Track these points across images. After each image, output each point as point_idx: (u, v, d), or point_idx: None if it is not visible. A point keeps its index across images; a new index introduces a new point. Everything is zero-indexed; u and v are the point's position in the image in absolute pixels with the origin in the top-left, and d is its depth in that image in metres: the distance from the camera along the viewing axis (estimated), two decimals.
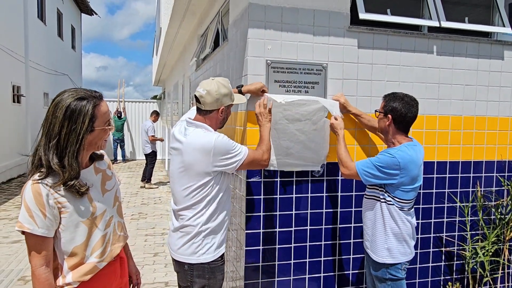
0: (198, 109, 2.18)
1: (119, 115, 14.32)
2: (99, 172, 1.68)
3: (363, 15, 2.76)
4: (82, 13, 19.18)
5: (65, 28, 16.07)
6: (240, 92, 2.54)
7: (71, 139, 1.49)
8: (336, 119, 2.50)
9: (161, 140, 9.75)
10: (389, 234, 2.30)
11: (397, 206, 2.28)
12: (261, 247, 2.69)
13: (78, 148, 1.50)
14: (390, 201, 2.28)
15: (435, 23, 2.95)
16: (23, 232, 1.48)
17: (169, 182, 10.06)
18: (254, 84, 2.53)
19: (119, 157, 14.83)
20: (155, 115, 9.50)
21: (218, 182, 2.12)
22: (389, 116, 2.29)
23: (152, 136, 9.05)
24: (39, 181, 1.47)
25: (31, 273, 1.51)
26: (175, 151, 2.18)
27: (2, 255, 4.81)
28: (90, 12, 19.15)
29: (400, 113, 2.27)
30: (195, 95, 2.17)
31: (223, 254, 2.21)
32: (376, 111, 2.42)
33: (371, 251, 2.38)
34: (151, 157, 9.30)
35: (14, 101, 10.53)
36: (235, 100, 2.24)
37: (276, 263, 2.73)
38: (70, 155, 1.49)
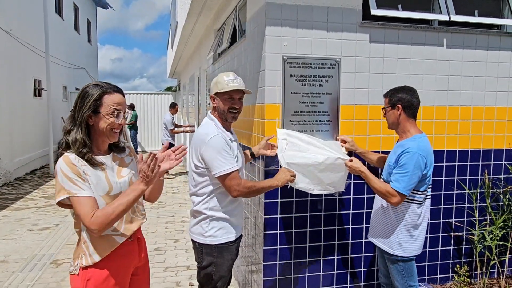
0: None
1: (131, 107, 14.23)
2: (117, 160, 1.90)
3: (375, 11, 2.89)
4: (97, 6, 19.47)
5: (81, 22, 16.38)
6: (251, 154, 2.67)
7: (80, 114, 1.74)
8: (351, 160, 2.48)
9: (188, 127, 9.67)
10: (403, 230, 2.41)
11: (417, 201, 2.39)
12: (278, 231, 2.88)
13: (85, 123, 1.74)
14: (413, 197, 2.38)
15: (445, 17, 3.06)
16: (62, 205, 1.69)
17: (186, 172, 10.33)
18: (261, 142, 2.67)
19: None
20: (174, 107, 9.64)
21: (211, 179, 2.21)
22: (398, 106, 2.41)
23: (172, 129, 9.25)
24: (70, 153, 1.71)
25: (88, 228, 1.65)
26: None
27: (34, 241, 5.12)
28: (105, 5, 19.43)
29: (407, 100, 2.40)
30: None
31: (234, 240, 2.33)
32: (383, 109, 2.50)
33: (382, 243, 2.50)
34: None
35: (35, 95, 10.89)
36: (223, 89, 2.23)
37: (293, 246, 2.92)
38: (81, 129, 1.73)
